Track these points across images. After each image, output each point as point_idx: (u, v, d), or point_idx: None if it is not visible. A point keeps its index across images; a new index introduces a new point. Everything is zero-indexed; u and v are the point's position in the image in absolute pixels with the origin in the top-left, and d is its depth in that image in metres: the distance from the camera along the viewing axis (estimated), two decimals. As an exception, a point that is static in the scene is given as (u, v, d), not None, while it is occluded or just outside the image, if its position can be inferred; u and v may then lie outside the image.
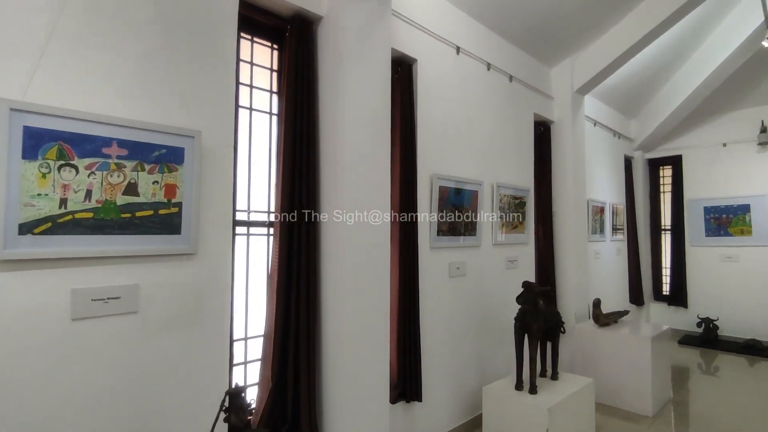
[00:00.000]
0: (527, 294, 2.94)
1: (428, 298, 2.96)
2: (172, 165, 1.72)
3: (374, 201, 2.29)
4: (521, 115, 4.01)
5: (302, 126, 2.24)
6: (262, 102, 2.33)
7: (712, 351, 5.58)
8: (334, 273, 2.20)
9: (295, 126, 2.22)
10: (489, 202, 3.54)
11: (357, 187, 2.21)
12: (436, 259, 3.03)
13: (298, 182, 2.21)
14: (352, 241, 2.18)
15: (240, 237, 2.19)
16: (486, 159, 3.53)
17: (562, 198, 4.43)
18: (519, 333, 2.95)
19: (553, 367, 3.15)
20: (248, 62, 2.27)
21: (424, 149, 2.97)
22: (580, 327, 4.01)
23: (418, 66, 2.93)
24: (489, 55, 3.59)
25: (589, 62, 4.29)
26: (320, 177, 2.30)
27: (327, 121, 2.28)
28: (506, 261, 3.74)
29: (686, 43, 5.07)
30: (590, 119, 5.23)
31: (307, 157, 2.24)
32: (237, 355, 2.17)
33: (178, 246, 1.74)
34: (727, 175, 6.12)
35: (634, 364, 3.66)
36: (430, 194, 2.98)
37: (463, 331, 3.26)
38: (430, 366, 2.96)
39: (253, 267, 2.25)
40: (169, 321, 1.75)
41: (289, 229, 2.18)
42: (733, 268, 6.03)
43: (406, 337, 2.72)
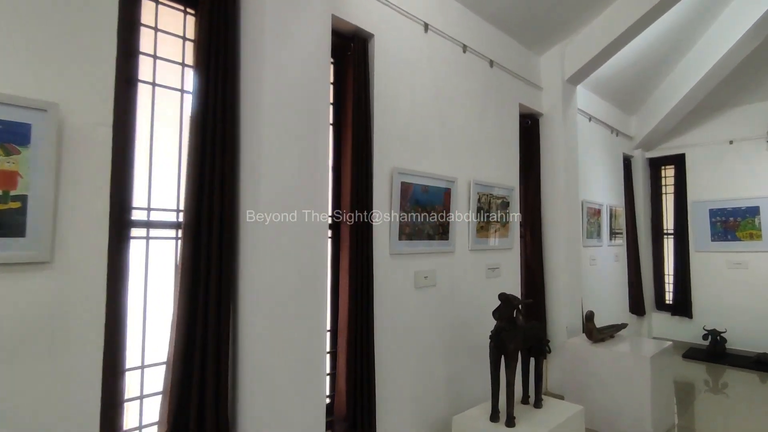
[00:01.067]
0: (504, 308, 2.51)
1: (388, 311, 2.54)
2: (10, 146, 1.32)
3: (306, 198, 1.87)
4: (504, 106, 3.59)
5: (218, 108, 1.83)
6: (173, 77, 1.92)
7: (720, 366, 5.11)
8: (253, 286, 1.78)
9: (207, 107, 1.81)
10: (465, 202, 3.12)
11: (282, 181, 1.79)
12: (398, 266, 2.61)
13: (210, 175, 1.79)
14: (276, 247, 1.77)
15: (138, 241, 1.78)
16: (461, 153, 3.11)
17: (552, 198, 4.00)
18: (494, 354, 2.51)
19: (536, 393, 2.71)
20: (152, 27, 1.86)
21: (384, 140, 2.55)
22: (572, 343, 3.57)
23: (375, 42, 2.53)
24: (465, 35, 3.18)
25: (580, 48, 3.88)
26: (240, 169, 1.88)
27: (248, 104, 1.87)
28: (486, 268, 3.31)
29: (689, 30, 4.65)
30: (585, 114, 4.81)
31: (222, 144, 1.83)
32: (133, 388, 1.76)
33: (19, 252, 1.33)
34: (735, 175, 5.66)
35: (632, 386, 3.22)
36: (389, 191, 2.56)
37: (432, 350, 2.83)
38: (390, 392, 2.53)
39: (158, 278, 1.84)
40: (10, 350, 1.33)
41: (198, 232, 1.77)
42: (741, 275, 5.56)
43: (357, 358, 2.30)
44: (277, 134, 1.78)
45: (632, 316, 5.73)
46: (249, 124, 1.84)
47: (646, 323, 6.05)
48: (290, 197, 1.82)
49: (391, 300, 2.57)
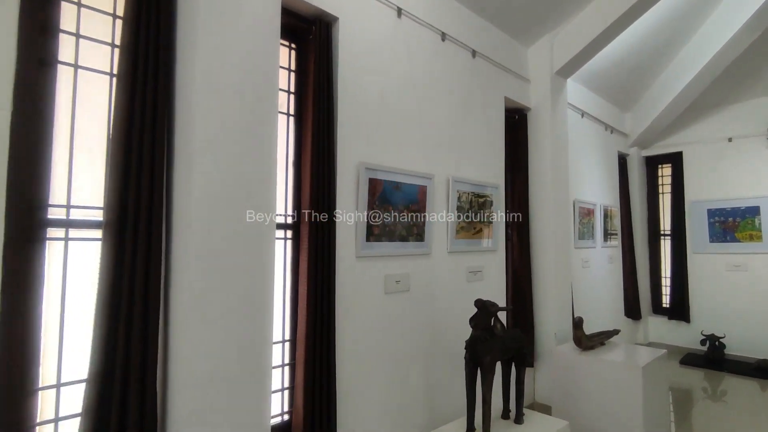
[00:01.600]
0: (481, 315, 2.31)
1: (354, 319, 2.33)
2: None
3: (248, 196, 1.66)
4: (488, 99, 3.38)
5: (148, 92, 1.62)
6: (101, 59, 1.72)
7: (719, 373, 4.89)
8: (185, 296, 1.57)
9: (135, 91, 1.61)
10: (443, 201, 2.91)
11: (218, 176, 1.59)
12: (365, 270, 2.40)
13: (137, 168, 1.59)
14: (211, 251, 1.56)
15: (55, 243, 1.57)
16: (440, 149, 2.91)
17: (541, 197, 3.79)
18: (469, 366, 2.31)
19: (517, 407, 2.50)
20: (74, 3, 1.66)
21: (350, 133, 2.35)
22: (561, 350, 3.36)
23: (339, 26, 2.32)
24: (444, 23, 2.98)
25: (570, 38, 3.67)
26: (174, 162, 1.68)
27: (183, 89, 1.67)
28: (467, 272, 3.10)
29: (685, 22, 4.44)
30: (577, 109, 4.60)
31: (152, 134, 1.62)
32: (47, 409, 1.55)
33: None
34: (734, 174, 5.45)
35: (623, 397, 3.00)
36: (356, 188, 2.36)
37: (406, 361, 2.62)
38: (355, 406, 2.32)
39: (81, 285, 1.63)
40: None
41: (121, 232, 1.56)
42: (741, 278, 5.34)
43: (316, 371, 2.09)
44: (212, 123, 1.58)
45: (627, 321, 5.52)
46: (184, 112, 1.64)
47: (642, 328, 5.84)
48: (229, 194, 1.62)
49: (359, 306, 2.36)
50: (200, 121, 1.55)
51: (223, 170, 1.60)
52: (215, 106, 1.62)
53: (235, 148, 1.65)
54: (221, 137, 1.63)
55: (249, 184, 1.67)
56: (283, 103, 2.29)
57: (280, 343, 2.20)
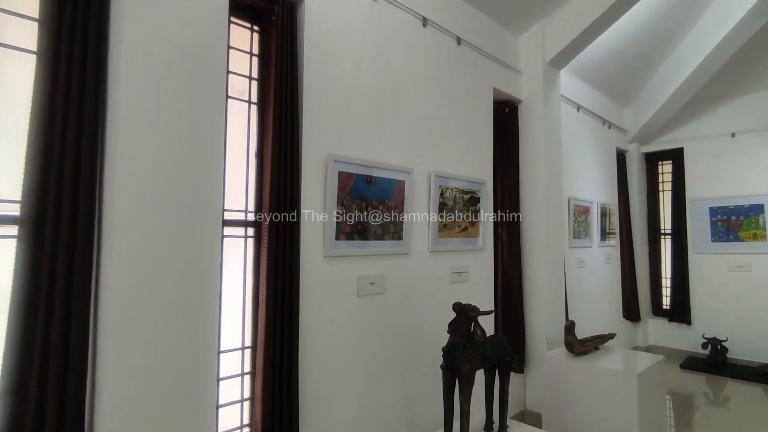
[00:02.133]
0: (459, 320, 2.12)
1: (322, 324, 2.15)
2: None
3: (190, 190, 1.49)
4: (475, 89, 3.20)
5: (74, 71, 1.44)
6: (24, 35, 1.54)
7: (721, 378, 4.69)
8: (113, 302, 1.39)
9: (58, 71, 1.43)
10: (424, 197, 2.73)
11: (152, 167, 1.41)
12: (334, 270, 2.22)
13: (59, 159, 1.41)
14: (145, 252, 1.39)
15: (-33, 241, 1.40)
16: (420, 141, 2.72)
17: (532, 194, 3.60)
18: (447, 374, 2.12)
19: (500, 418, 2.31)
20: (-9, -27, 1.48)
21: (318, 123, 2.17)
22: (552, 356, 3.17)
23: (305, 7, 2.14)
24: (425, 7, 2.79)
25: (563, 26, 3.48)
26: (105, 152, 1.50)
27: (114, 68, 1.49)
28: (451, 273, 2.92)
29: (685, 12, 4.24)
30: (572, 103, 4.41)
31: (79, 118, 1.44)
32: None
33: None
34: (737, 171, 5.24)
35: (617, 405, 2.81)
36: (324, 182, 2.17)
37: (381, 369, 2.44)
38: (320, 418, 2.14)
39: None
40: None
41: (40, 231, 1.38)
42: (744, 279, 5.13)
43: (276, 380, 1.91)
44: (147, 107, 1.40)
45: (626, 323, 5.33)
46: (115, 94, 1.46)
47: (641, 330, 5.64)
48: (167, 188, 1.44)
49: (327, 310, 2.18)
50: (133, 105, 1.38)
51: (159, 161, 1.42)
52: (152, 89, 1.44)
53: (174, 136, 1.47)
54: (158, 124, 1.45)
55: (191, 177, 1.49)
56: (244, 90, 2.12)
57: (239, 351, 2.02)
